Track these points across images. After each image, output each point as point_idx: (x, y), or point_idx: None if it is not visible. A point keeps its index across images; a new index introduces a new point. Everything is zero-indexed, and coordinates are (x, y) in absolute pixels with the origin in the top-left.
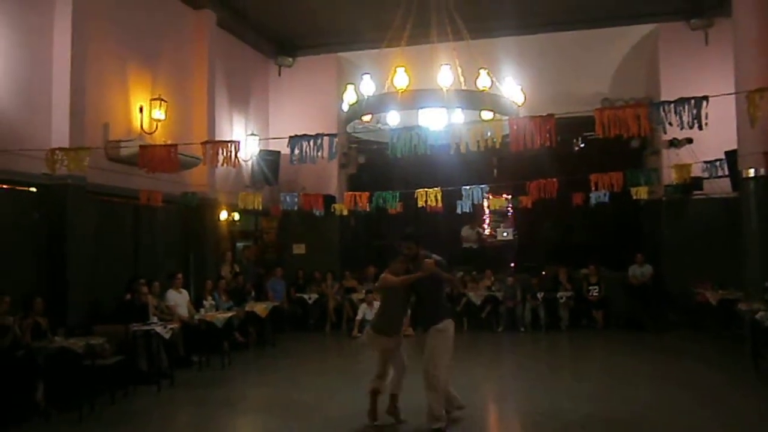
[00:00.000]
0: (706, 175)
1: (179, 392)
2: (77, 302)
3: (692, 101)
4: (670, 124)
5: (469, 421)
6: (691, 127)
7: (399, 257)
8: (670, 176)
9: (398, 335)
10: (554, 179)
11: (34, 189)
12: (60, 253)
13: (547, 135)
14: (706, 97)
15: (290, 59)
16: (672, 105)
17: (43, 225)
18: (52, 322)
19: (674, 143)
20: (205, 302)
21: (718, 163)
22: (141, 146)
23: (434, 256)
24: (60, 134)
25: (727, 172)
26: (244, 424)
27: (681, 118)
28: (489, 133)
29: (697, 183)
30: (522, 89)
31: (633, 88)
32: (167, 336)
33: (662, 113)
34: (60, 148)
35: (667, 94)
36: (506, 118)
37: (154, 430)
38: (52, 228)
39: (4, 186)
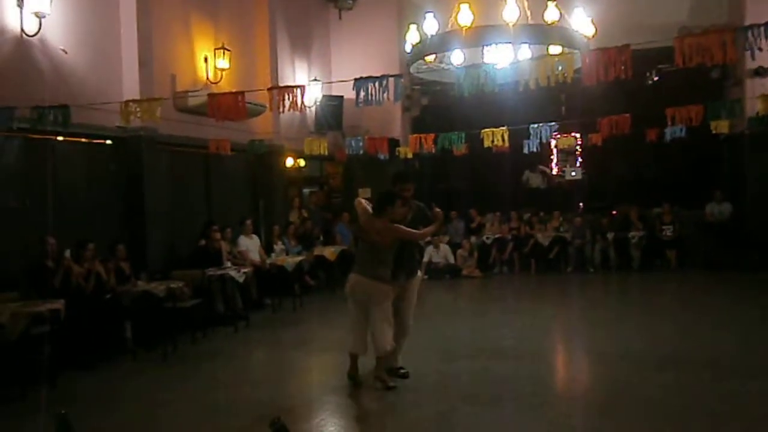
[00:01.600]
0: None
1: (254, 333)
2: (155, 248)
3: None
4: (760, 49)
5: (537, 361)
6: None
7: (397, 201)
8: (753, 108)
9: (392, 284)
10: (627, 115)
11: (109, 142)
12: (137, 202)
13: (623, 67)
14: None
15: (350, 1)
16: (762, 29)
17: (120, 176)
18: (134, 268)
19: (759, 72)
20: (275, 247)
21: None
22: (209, 95)
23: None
24: (130, 87)
25: None
26: (316, 362)
27: None
28: (560, 68)
29: None
30: (592, 21)
31: (713, 15)
32: (241, 280)
33: (751, 38)
34: (133, 100)
35: (753, 18)
36: (576, 51)
37: (233, 368)
38: (128, 179)
39: (83, 139)
